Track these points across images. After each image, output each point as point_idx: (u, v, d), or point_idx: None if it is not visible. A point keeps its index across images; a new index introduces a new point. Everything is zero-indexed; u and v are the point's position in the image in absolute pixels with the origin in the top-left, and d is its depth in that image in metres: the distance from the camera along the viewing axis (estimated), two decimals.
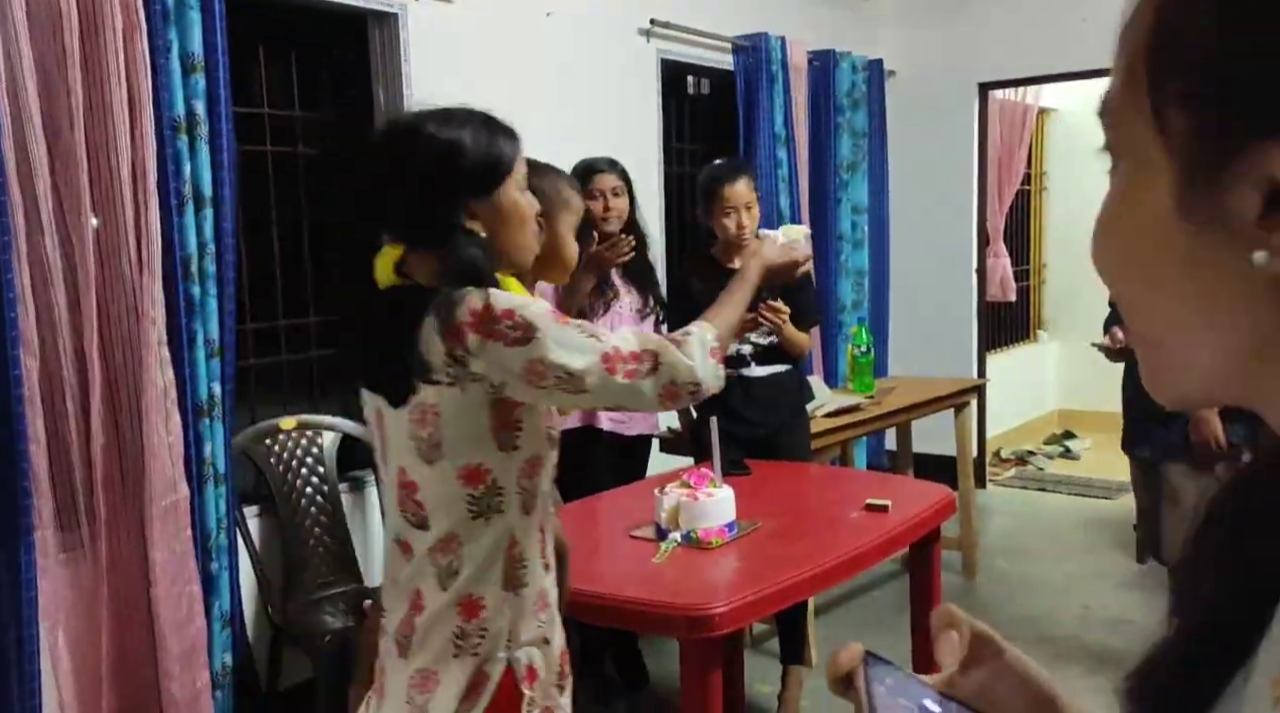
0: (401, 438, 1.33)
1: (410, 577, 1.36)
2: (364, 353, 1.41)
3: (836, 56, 4.91)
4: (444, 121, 1.38)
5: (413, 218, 1.35)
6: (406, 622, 1.36)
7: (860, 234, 5.17)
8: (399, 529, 1.38)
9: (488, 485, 1.33)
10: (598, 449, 3.13)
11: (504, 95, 3.47)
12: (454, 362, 1.27)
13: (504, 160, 1.41)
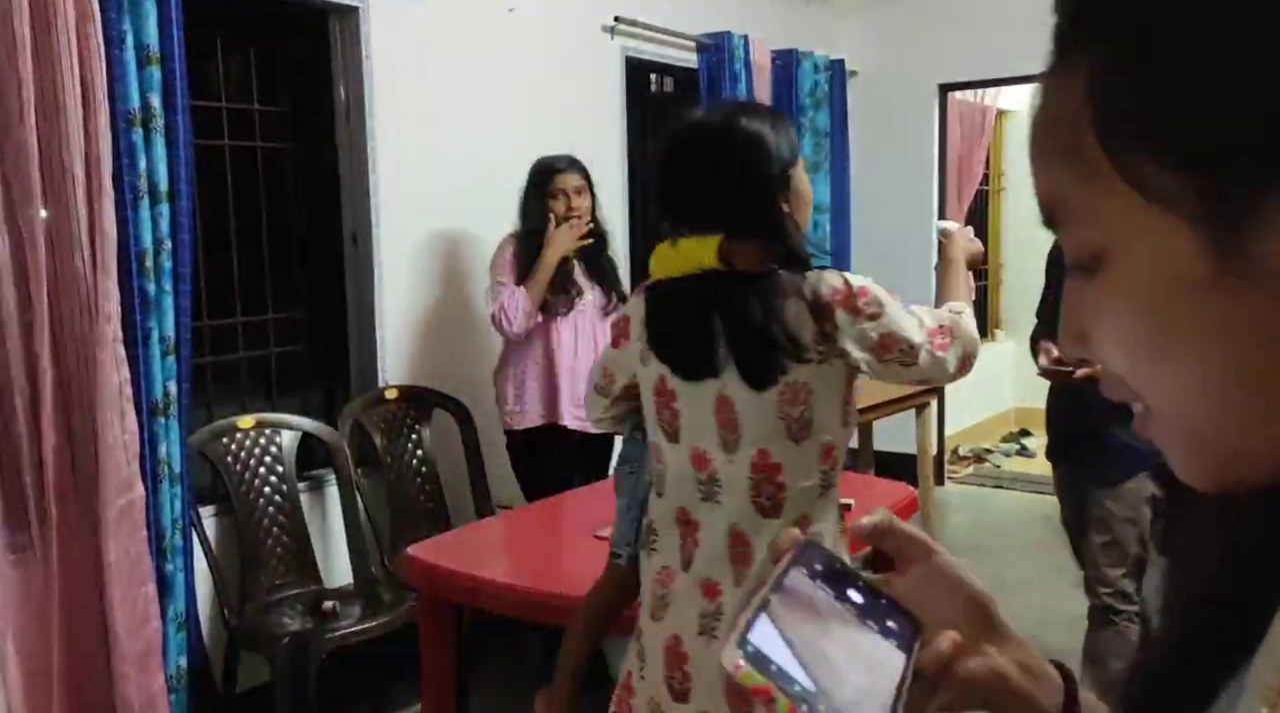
0: (767, 420, 1.36)
1: (755, 570, 1.37)
2: (730, 337, 1.38)
3: (799, 56, 4.93)
4: (749, 115, 1.42)
5: (747, 208, 1.38)
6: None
7: (822, 234, 5.19)
8: (739, 519, 1.40)
9: (833, 462, 1.42)
10: (561, 447, 3.12)
11: (466, 92, 3.48)
12: (824, 339, 1.34)
13: (796, 145, 1.47)
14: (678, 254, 1.42)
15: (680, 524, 1.45)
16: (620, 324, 1.54)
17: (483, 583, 1.99)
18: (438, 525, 3.27)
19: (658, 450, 1.48)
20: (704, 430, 1.41)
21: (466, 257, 3.48)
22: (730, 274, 1.37)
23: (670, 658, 1.45)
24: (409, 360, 3.35)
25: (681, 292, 1.42)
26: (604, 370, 1.59)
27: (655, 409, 1.45)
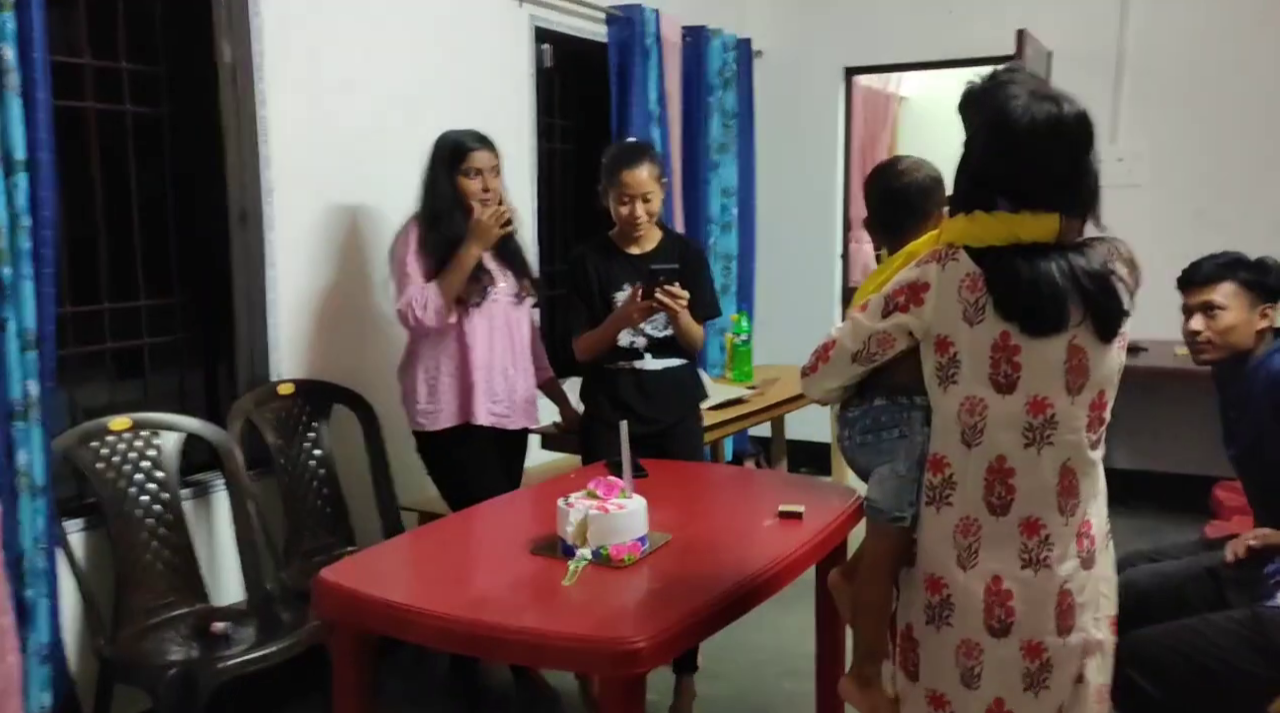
0: (1111, 366, 1.60)
1: (1085, 503, 1.62)
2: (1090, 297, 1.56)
3: (708, 33, 4.78)
4: (1078, 105, 1.57)
5: (1087, 192, 1.57)
6: (1085, 537, 1.63)
7: (729, 217, 5.08)
8: (1071, 454, 1.59)
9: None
10: (474, 446, 2.89)
11: (364, 58, 3.17)
12: (1130, 298, 1.60)
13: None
14: (1002, 225, 1.56)
15: (991, 473, 1.60)
16: (911, 290, 1.63)
17: (414, 615, 1.76)
18: (339, 532, 3.00)
19: (979, 404, 1.60)
20: (1049, 379, 1.57)
21: (369, 238, 3.18)
22: (1060, 245, 1.56)
23: (991, 598, 1.61)
24: (305, 352, 3.04)
25: (1025, 261, 1.55)
26: (881, 336, 1.67)
27: (991, 365, 1.58)
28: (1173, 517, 4.36)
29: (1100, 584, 1.68)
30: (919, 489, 1.68)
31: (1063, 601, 1.62)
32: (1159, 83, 4.66)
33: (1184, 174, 4.65)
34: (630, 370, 2.87)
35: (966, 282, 1.57)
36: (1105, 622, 1.71)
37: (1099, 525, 1.67)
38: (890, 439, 1.73)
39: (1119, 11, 4.69)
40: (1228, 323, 2.39)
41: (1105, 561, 1.70)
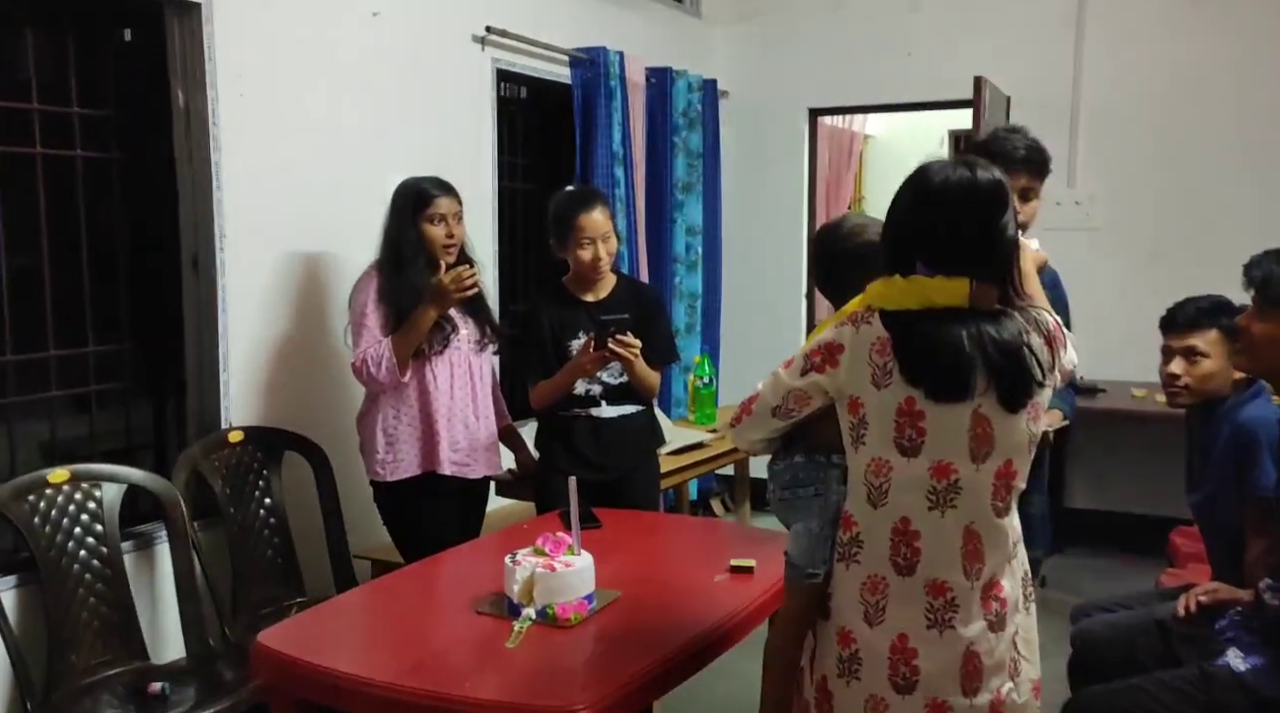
0: (1019, 435, 1.62)
1: (993, 567, 1.64)
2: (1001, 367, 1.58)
3: (673, 74, 4.81)
4: (994, 171, 1.62)
5: (1000, 256, 1.60)
6: (994, 600, 1.65)
7: (694, 256, 5.09)
8: (976, 519, 1.61)
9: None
10: (434, 497, 2.85)
11: (323, 103, 3.15)
12: (1052, 367, 1.64)
13: None
14: (915, 289, 1.58)
15: (897, 534, 1.62)
16: (827, 350, 1.65)
17: (351, 683, 1.71)
18: (289, 584, 2.94)
19: (883, 465, 1.62)
20: (953, 445, 1.59)
21: (325, 284, 3.15)
22: (974, 311, 1.58)
23: (895, 656, 1.63)
24: (257, 399, 2.99)
25: (933, 326, 1.57)
26: (799, 394, 1.69)
27: (895, 428, 1.60)
28: (1132, 559, 4.37)
29: (1016, 648, 1.68)
30: (832, 546, 1.71)
31: (969, 662, 1.62)
32: (1114, 128, 4.73)
33: (1139, 217, 4.72)
34: (585, 418, 2.84)
35: (876, 345, 1.59)
36: (1026, 685, 1.71)
37: (1012, 589, 1.67)
38: (806, 496, 1.75)
39: (1074, 58, 4.77)
40: (1207, 370, 2.37)
41: (1023, 623, 1.70)
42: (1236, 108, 4.51)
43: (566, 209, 2.81)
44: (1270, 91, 4.44)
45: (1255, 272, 1.96)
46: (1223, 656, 1.97)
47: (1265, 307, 1.92)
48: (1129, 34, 4.67)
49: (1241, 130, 4.51)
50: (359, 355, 2.74)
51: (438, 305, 2.75)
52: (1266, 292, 1.91)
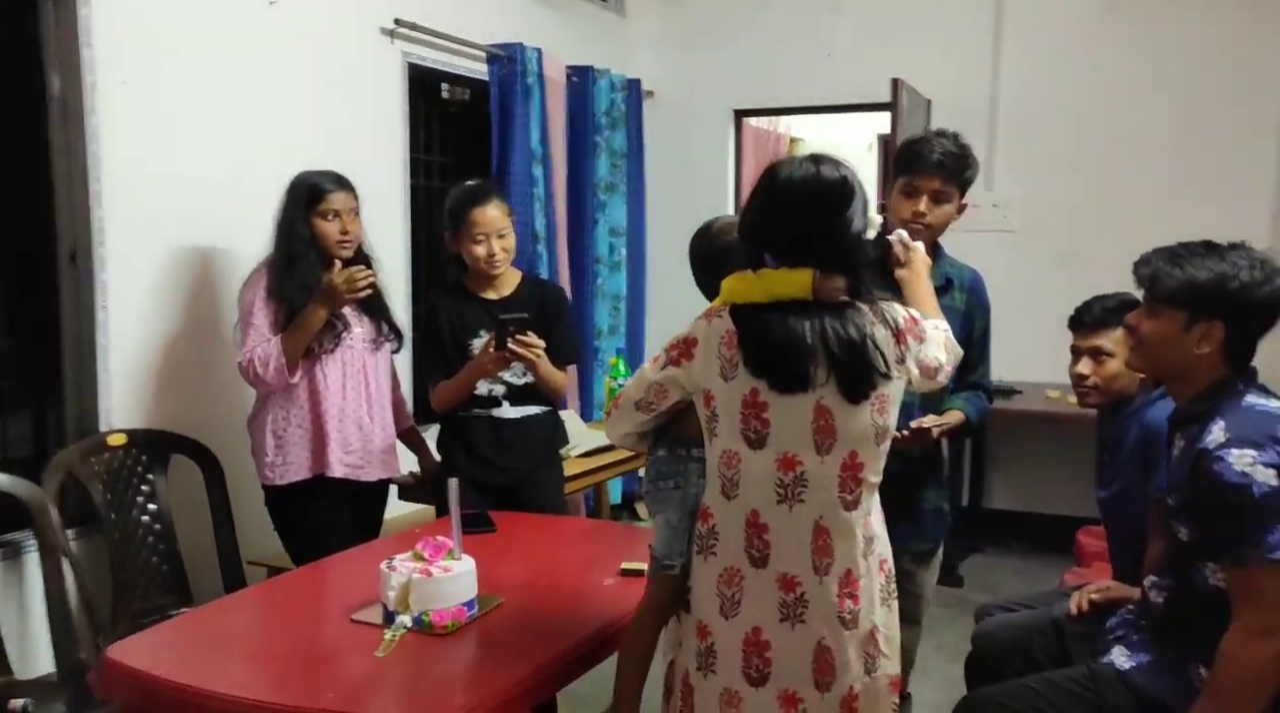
0: (863, 427, 1.62)
1: (846, 562, 1.64)
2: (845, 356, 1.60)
3: (595, 73, 4.75)
4: (846, 168, 1.64)
5: (842, 248, 1.61)
6: (847, 597, 1.64)
7: (618, 257, 5.04)
8: (824, 513, 1.62)
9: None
10: (325, 500, 2.75)
11: (218, 93, 3.03)
12: (899, 360, 1.65)
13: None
14: (761, 282, 1.61)
15: (749, 526, 1.64)
16: (684, 345, 1.69)
17: (204, 698, 1.61)
18: (175, 593, 2.81)
19: (733, 457, 1.64)
20: (796, 437, 1.61)
21: (218, 280, 3.03)
22: (819, 304, 1.60)
23: (749, 649, 1.64)
24: (141, 400, 2.87)
25: (777, 317, 1.59)
26: (656, 387, 1.72)
27: (741, 420, 1.62)
28: (1045, 558, 4.41)
29: (874, 644, 1.68)
30: (690, 539, 1.73)
31: (820, 657, 1.64)
32: (1032, 132, 4.78)
33: (1055, 220, 4.77)
34: (487, 419, 2.77)
35: (725, 338, 1.63)
36: (883, 681, 1.70)
37: (868, 585, 1.67)
38: (667, 489, 1.79)
39: (992, 63, 4.81)
40: (1114, 370, 2.37)
41: (883, 619, 1.70)
42: (1150, 113, 4.58)
43: (460, 203, 2.74)
44: (1183, 97, 4.52)
45: (1143, 269, 1.95)
46: (1109, 654, 1.96)
47: (1153, 304, 1.91)
48: (1046, 39, 4.73)
49: (1155, 135, 4.58)
50: (246, 354, 2.64)
51: (328, 305, 2.66)
52: (1154, 289, 1.90)
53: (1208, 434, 1.77)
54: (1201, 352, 1.84)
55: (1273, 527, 1.65)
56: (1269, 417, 1.77)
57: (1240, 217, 4.32)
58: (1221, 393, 1.84)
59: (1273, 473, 1.68)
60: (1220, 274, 1.83)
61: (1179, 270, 1.85)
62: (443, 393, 2.76)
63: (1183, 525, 1.85)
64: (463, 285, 2.83)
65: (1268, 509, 1.66)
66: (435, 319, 2.78)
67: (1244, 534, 1.67)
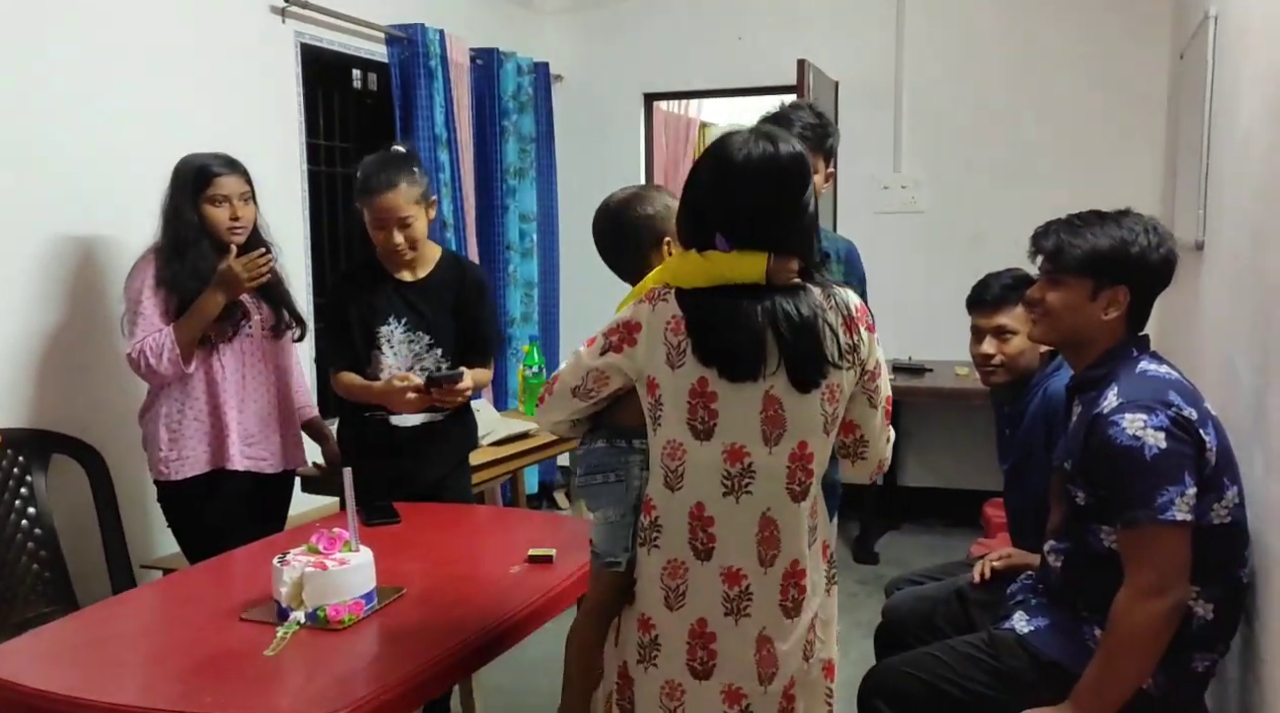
0: (812, 416, 1.56)
1: (792, 553, 1.59)
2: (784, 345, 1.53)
3: (501, 56, 4.66)
4: (792, 143, 1.57)
5: (798, 230, 1.55)
6: (792, 587, 1.60)
7: (529, 243, 4.96)
8: (771, 504, 1.57)
9: (832, 452, 1.64)
10: (224, 495, 2.64)
11: (92, 72, 2.87)
12: (851, 349, 1.57)
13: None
14: (710, 265, 1.53)
15: (693, 519, 1.58)
16: (625, 329, 1.59)
17: (70, 706, 1.52)
18: (58, 600, 2.66)
19: (678, 448, 1.57)
20: (745, 427, 1.54)
21: (101, 269, 2.87)
22: (770, 286, 1.53)
23: (694, 641, 1.60)
24: (18, 396, 2.70)
25: (729, 302, 1.52)
26: (597, 374, 1.63)
27: (688, 410, 1.55)
28: (958, 532, 4.49)
29: (815, 629, 1.66)
30: (634, 533, 1.66)
31: (762, 648, 1.60)
32: (934, 113, 4.85)
33: (962, 201, 4.85)
34: (383, 423, 2.60)
35: (671, 323, 1.54)
36: (818, 667, 1.68)
37: (814, 573, 1.63)
38: (607, 483, 1.70)
39: (895, 44, 4.86)
40: (1018, 347, 2.39)
41: (822, 604, 1.67)
42: (1055, 93, 4.67)
43: (365, 179, 2.53)
44: (1088, 76, 4.62)
45: (1046, 241, 1.96)
46: (1010, 619, 1.98)
47: (1058, 273, 1.93)
48: (948, 20, 4.79)
49: (1059, 114, 4.67)
50: (136, 346, 2.51)
51: (227, 291, 2.54)
52: (1059, 258, 1.92)
53: (1103, 399, 1.80)
54: (1109, 317, 1.88)
55: (1163, 488, 1.68)
56: (1160, 381, 1.81)
57: (1133, 191, 4.44)
58: (1117, 359, 1.88)
59: (1163, 435, 1.71)
60: (1120, 240, 1.87)
61: (1081, 239, 1.88)
62: (345, 388, 2.62)
63: (1079, 490, 1.88)
64: (373, 263, 2.66)
65: (1157, 470, 1.69)
66: (341, 301, 2.63)
67: (1134, 495, 1.70)
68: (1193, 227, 3.03)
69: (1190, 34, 3.43)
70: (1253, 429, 2.03)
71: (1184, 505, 1.69)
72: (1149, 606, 1.69)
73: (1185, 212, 3.28)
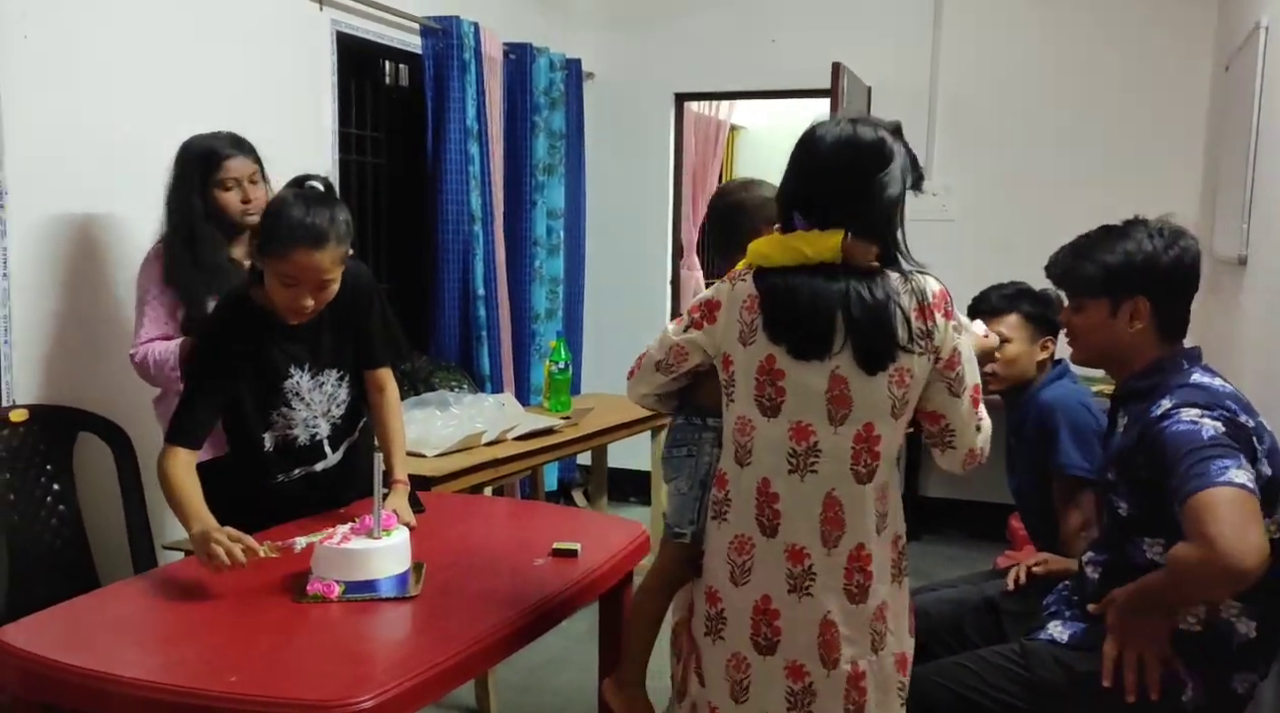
0: (878, 398, 1.57)
1: (858, 535, 1.60)
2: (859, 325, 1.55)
3: (534, 51, 4.65)
4: (888, 132, 1.58)
5: (873, 212, 1.55)
6: (857, 571, 1.61)
7: (556, 240, 4.94)
8: (836, 485, 1.59)
9: (906, 440, 1.66)
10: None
11: (128, 52, 2.87)
12: (925, 335, 1.57)
13: (919, 171, 1.64)
14: (789, 244, 1.57)
15: (760, 494, 1.61)
16: (707, 307, 1.66)
17: (96, 680, 1.50)
18: (81, 579, 2.65)
19: (747, 424, 1.62)
20: (811, 406, 1.57)
21: (127, 249, 2.87)
22: (847, 268, 1.55)
23: (758, 617, 1.63)
24: (46, 374, 2.70)
25: (802, 280, 1.55)
26: (677, 349, 1.70)
27: (756, 386, 1.59)
28: (980, 544, 4.44)
29: (881, 620, 1.65)
30: (701, 506, 1.73)
31: (825, 631, 1.61)
32: (971, 120, 4.80)
33: (994, 209, 4.80)
34: (306, 477, 2.27)
35: (747, 302, 1.60)
36: (889, 659, 1.67)
37: (880, 560, 1.63)
38: (680, 457, 1.79)
39: (931, 49, 4.82)
40: (1012, 355, 2.42)
41: (889, 594, 1.66)
42: (1092, 103, 4.62)
43: (287, 230, 1.99)
44: (1128, 87, 4.57)
45: (1054, 269, 2.01)
46: (1044, 629, 1.94)
47: (1073, 297, 1.96)
48: (986, 27, 4.75)
49: (1095, 126, 4.62)
50: (140, 350, 2.48)
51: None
52: (1068, 283, 1.95)
53: (1157, 407, 1.77)
54: (1135, 330, 1.87)
55: (1219, 459, 1.60)
56: (1216, 391, 1.78)
57: (1170, 204, 4.38)
58: (1169, 370, 1.85)
59: (1220, 424, 1.67)
60: (1126, 252, 1.87)
61: (1087, 262, 1.89)
62: (170, 488, 2.00)
63: (1122, 500, 1.84)
64: (256, 302, 2.11)
65: (1215, 446, 1.63)
66: (217, 354, 2.09)
67: (1190, 470, 1.61)
68: (1235, 241, 2.98)
69: (1238, 45, 3.37)
70: None
71: (1241, 473, 1.57)
72: (1205, 565, 1.53)
73: (1227, 225, 3.23)
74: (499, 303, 4.42)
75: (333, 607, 1.79)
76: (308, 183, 2.08)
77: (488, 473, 3.05)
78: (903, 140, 1.60)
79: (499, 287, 4.43)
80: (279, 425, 2.21)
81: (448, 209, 4.12)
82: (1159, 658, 1.72)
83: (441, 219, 4.12)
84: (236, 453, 2.25)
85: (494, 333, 4.34)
